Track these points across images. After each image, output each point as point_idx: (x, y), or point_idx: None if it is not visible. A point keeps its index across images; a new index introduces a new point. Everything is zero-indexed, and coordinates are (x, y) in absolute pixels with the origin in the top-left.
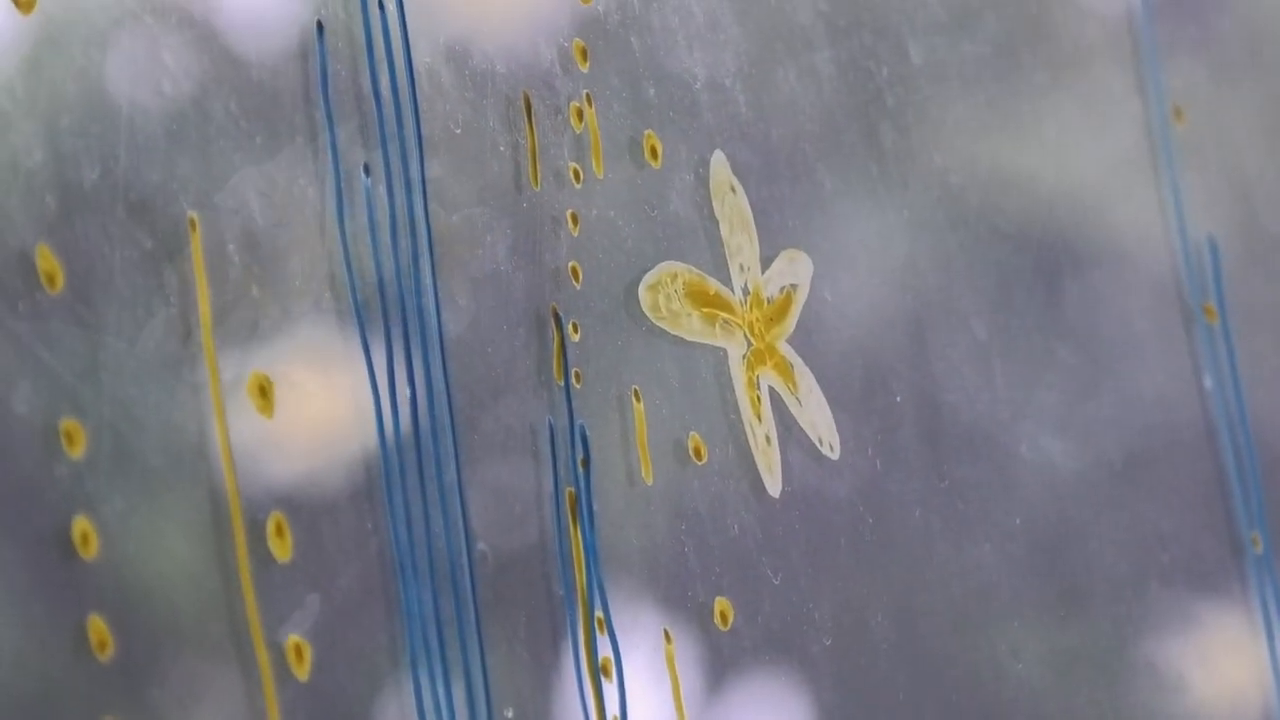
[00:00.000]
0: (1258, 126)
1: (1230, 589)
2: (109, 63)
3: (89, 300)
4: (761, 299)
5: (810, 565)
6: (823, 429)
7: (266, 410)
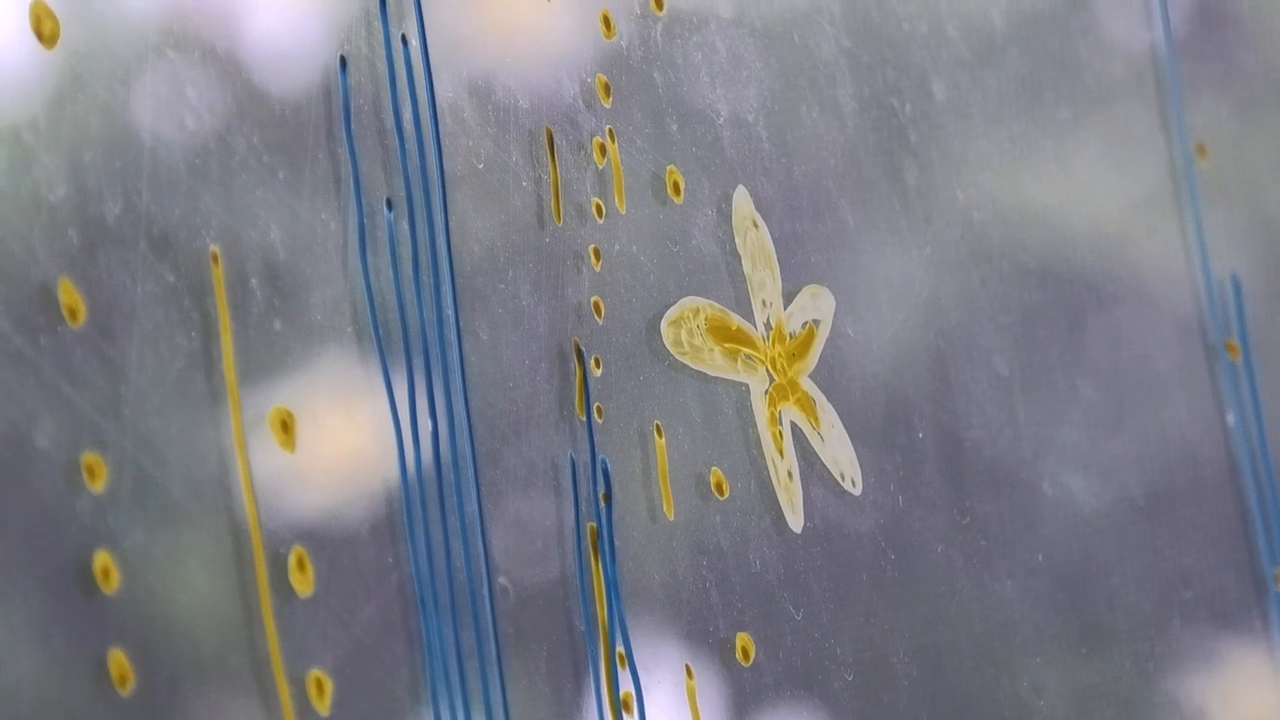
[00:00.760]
0: None
1: (1252, 626)
2: (132, 97)
3: (111, 334)
4: (784, 334)
5: (832, 601)
6: (845, 464)
7: (288, 444)
